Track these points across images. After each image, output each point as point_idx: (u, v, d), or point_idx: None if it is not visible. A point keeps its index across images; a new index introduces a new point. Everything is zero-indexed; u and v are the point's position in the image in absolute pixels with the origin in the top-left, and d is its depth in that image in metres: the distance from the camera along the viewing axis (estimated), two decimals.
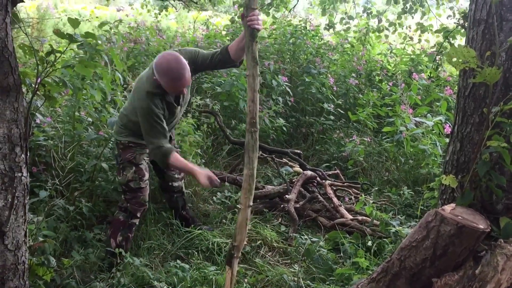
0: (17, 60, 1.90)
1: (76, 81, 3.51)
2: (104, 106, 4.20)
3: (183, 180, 3.69)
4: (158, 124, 2.96)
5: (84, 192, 3.56)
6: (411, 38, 7.75)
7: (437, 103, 5.44)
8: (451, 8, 7.17)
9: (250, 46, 2.32)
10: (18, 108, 1.88)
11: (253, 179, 2.37)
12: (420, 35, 7.66)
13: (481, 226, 1.97)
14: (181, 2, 9.69)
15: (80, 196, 3.47)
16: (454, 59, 2.04)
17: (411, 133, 4.61)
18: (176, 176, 3.58)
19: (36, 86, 2.23)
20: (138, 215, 3.21)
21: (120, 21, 6.65)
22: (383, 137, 5.32)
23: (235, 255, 2.43)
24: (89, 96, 3.71)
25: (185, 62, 2.87)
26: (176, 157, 3.00)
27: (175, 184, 3.58)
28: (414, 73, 6.28)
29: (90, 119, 3.95)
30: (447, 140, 4.37)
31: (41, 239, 2.64)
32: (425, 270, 2.08)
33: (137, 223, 3.24)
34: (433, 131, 4.58)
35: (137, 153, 3.18)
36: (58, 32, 2.47)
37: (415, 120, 4.73)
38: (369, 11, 7.93)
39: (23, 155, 1.91)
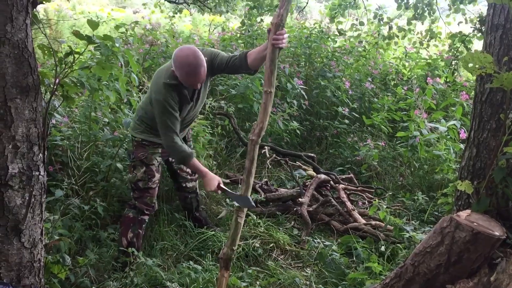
0: (36, 60, 1.93)
1: (93, 81, 3.55)
2: (119, 107, 4.24)
3: (197, 181, 3.70)
4: (173, 116, 2.98)
5: (99, 191, 3.59)
6: (421, 44, 7.71)
7: (453, 108, 5.39)
8: (463, 14, 7.08)
9: (272, 64, 2.40)
10: (37, 108, 1.91)
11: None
12: (428, 41, 7.61)
13: (497, 233, 1.95)
14: (195, 6, 9.73)
15: (95, 195, 3.50)
16: (470, 65, 2.02)
17: (425, 138, 4.57)
18: (188, 177, 3.59)
19: (55, 87, 2.26)
20: (146, 213, 3.24)
21: (136, 22, 6.69)
22: (398, 142, 5.29)
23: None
24: (105, 97, 3.75)
25: (203, 58, 2.89)
26: (194, 161, 3.11)
27: (189, 184, 3.60)
28: (428, 78, 6.23)
29: (106, 120, 3.99)
30: (462, 145, 4.34)
31: (56, 237, 2.67)
32: (439, 276, 2.06)
33: (146, 220, 3.26)
34: (448, 136, 4.54)
35: (149, 153, 3.19)
36: (77, 34, 2.50)
37: (429, 125, 4.69)
38: (380, 18, 7.89)
39: (40, 154, 1.94)
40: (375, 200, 3.90)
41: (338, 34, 7.69)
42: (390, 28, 7.74)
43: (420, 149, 4.60)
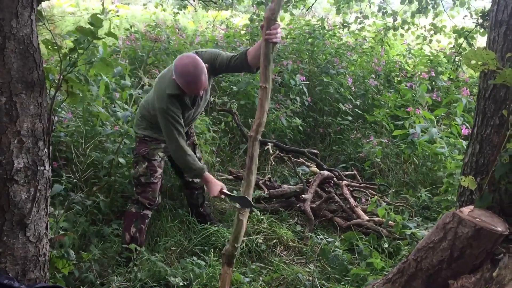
0: (41, 56, 1.94)
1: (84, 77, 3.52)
2: (110, 99, 4.20)
3: None
4: (178, 124, 3.05)
5: (103, 187, 3.61)
6: (424, 39, 7.72)
7: (455, 104, 5.37)
8: (468, 8, 7.07)
9: (266, 59, 2.38)
10: (42, 103, 1.92)
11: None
12: (432, 35, 7.61)
13: (499, 229, 1.96)
14: (200, 1, 9.69)
15: (98, 191, 3.52)
16: (473, 62, 2.02)
17: (420, 139, 4.54)
18: None
19: (59, 82, 2.27)
20: (149, 207, 3.26)
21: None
22: (401, 139, 5.27)
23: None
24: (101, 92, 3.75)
25: (203, 65, 2.91)
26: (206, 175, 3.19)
27: (196, 180, 3.61)
28: (423, 73, 6.19)
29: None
30: (464, 142, 4.33)
31: (61, 232, 2.69)
32: (442, 272, 2.07)
33: (149, 215, 3.28)
34: (451, 133, 4.53)
35: (151, 148, 3.23)
36: (81, 29, 2.51)
37: (419, 128, 4.63)
38: (384, 11, 7.89)
39: (45, 149, 1.95)
40: (374, 197, 3.90)
41: (341, 27, 7.69)
42: (395, 20, 7.76)
43: (419, 145, 4.57)
